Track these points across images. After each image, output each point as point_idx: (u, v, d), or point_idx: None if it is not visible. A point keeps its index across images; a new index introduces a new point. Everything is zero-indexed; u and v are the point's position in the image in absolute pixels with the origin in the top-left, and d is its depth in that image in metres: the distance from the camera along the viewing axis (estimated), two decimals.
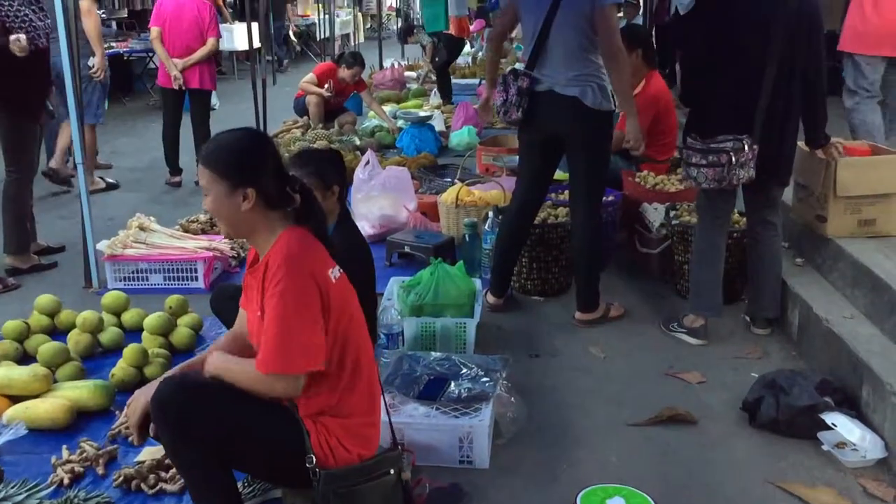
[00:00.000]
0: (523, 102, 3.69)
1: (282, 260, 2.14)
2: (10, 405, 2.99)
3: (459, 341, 3.45)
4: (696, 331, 3.71)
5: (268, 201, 2.22)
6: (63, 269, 4.65)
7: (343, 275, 2.29)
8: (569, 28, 3.59)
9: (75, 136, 4.30)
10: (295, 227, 2.26)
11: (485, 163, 6.36)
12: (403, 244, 4.65)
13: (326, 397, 2.24)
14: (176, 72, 6.27)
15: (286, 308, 2.11)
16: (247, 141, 2.28)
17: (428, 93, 10.25)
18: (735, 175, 3.38)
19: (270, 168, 2.24)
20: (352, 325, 2.29)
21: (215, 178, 2.20)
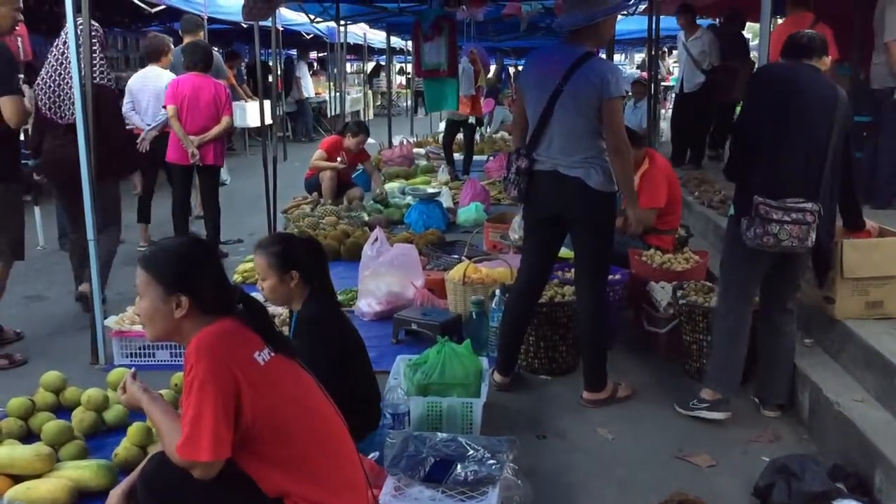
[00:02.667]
0: (521, 182, 3.79)
1: (192, 349, 2.16)
2: (12, 485, 2.96)
3: (466, 421, 3.42)
4: (718, 404, 3.66)
5: (202, 308, 2.24)
6: (70, 345, 4.65)
7: (279, 357, 2.27)
8: (574, 113, 3.67)
9: (88, 214, 4.34)
10: (222, 320, 2.25)
11: (492, 239, 6.41)
12: (410, 321, 4.65)
13: (289, 485, 2.21)
14: (193, 148, 6.39)
15: (199, 392, 2.11)
16: (188, 248, 2.32)
17: (436, 169, 10.40)
18: (811, 238, 3.42)
19: (209, 277, 2.27)
20: (302, 409, 2.26)
21: (151, 280, 2.24)
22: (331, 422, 2.36)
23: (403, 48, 18.96)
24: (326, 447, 2.29)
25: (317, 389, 2.36)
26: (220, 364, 2.12)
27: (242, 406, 2.12)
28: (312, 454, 2.25)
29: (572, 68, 3.63)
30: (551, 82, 3.69)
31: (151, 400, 2.38)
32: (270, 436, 2.18)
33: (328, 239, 6.69)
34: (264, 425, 2.16)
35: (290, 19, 13.05)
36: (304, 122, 17.18)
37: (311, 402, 2.31)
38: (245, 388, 2.12)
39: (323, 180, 8.23)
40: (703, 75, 9.04)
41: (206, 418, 2.08)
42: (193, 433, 2.09)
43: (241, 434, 2.14)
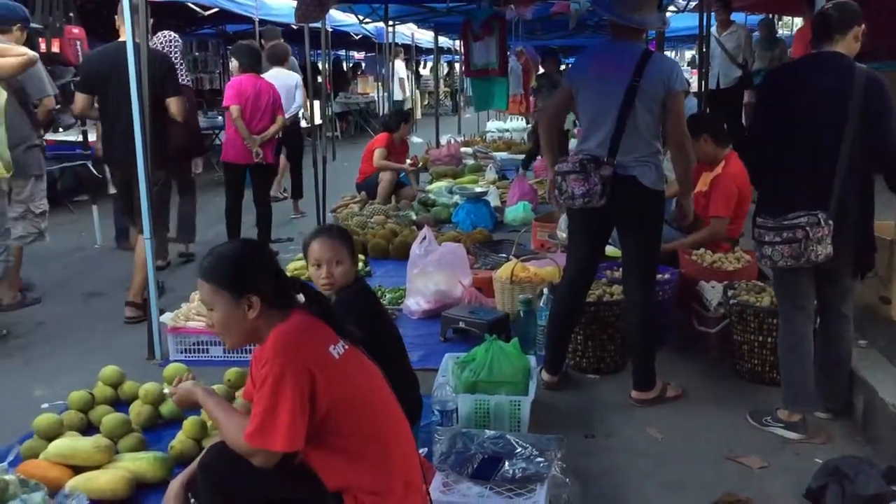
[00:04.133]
0: (607, 191, 3.65)
1: (270, 344, 2.22)
2: (73, 475, 3.05)
3: (514, 419, 3.43)
4: (795, 425, 3.53)
5: (271, 304, 2.30)
6: (127, 340, 4.77)
7: (352, 350, 2.34)
8: (641, 112, 3.64)
9: (144, 212, 4.46)
10: (296, 313, 2.32)
11: (540, 238, 6.40)
12: (458, 320, 4.67)
13: (350, 475, 2.27)
14: (257, 147, 6.52)
15: (276, 385, 2.16)
16: (243, 252, 2.37)
17: (483, 168, 10.41)
18: (813, 251, 3.27)
19: (269, 273, 2.33)
20: (370, 401, 2.32)
21: (218, 290, 2.30)
22: (395, 415, 2.40)
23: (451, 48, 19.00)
24: (390, 440, 2.33)
25: (383, 381, 2.41)
26: (297, 359, 2.18)
27: (317, 400, 2.18)
28: (376, 446, 2.29)
29: (641, 64, 3.60)
30: (622, 80, 3.63)
31: (207, 393, 2.47)
32: (339, 427, 2.24)
33: (377, 238, 6.75)
34: (335, 417, 2.22)
35: (339, 20, 13.19)
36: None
37: (378, 394, 2.37)
38: (320, 383, 2.18)
39: (383, 181, 8.30)
40: (739, 69, 8.93)
41: (282, 411, 2.14)
42: (267, 423, 2.15)
43: (312, 426, 2.20)
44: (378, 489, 2.28)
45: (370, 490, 2.27)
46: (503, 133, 14.52)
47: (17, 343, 4.88)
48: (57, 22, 8.82)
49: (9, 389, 4.15)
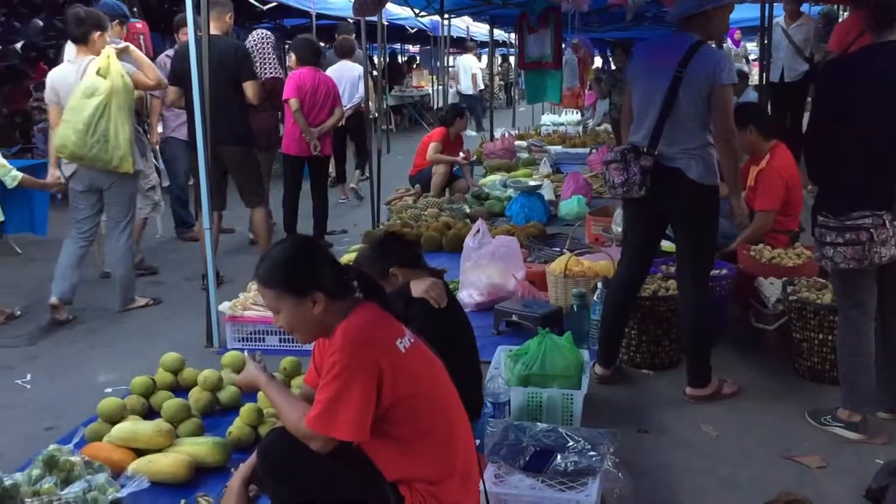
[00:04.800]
0: (647, 181, 3.64)
1: (343, 332, 2.25)
2: (135, 458, 3.14)
3: (566, 413, 3.42)
4: (856, 425, 3.44)
5: (334, 297, 2.33)
6: (187, 328, 4.89)
7: (417, 343, 2.35)
8: (684, 103, 3.59)
9: (204, 202, 4.56)
10: (364, 305, 2.35)
11: (594, 233, 6.36)
12: (511, 313, 4.67)
13: (410, 465, 2.30)
14: (315, 139, 6.62)
15: (343, 375, 2.19)
16: (297, 250, 2.40)
17: (538, 162, 10.37)
18: (876, 253, 3.16)
19: (324, 266, 2.36)
20: (432, 393, 2.34)
21: (279, 294, 2.33)
22: (455, 408, 2.42)
23: (506, 40, 18.93)
24: (450, 432, 2.36)
25: (445, 374, 2.43)
26: (366, 353, 2.21)
27: (382, 393, 2.21)
28: (437, 438, 2.32)
29: (688, 55, 3.55)
30: (668, 70, 3.59)
31: (269, 379, 2.52)
32: (402, 418, 2.27)
33: (430, 230, 6.78)
34: (399, 409, 2.25)
35: (395, 14, 13.24)
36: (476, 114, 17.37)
37: (440, 387, 2.39)
38: (387, 377, 2.21)
39: (436, 174, 8.34)
40: (805, 63, 8.70)
41: (348, 402, 2.18)
42: (331, 410, 2.19)
43: (375, 417, 2.23)
44: (435, 480, 2.30)
45: (428, 480, 2.29)
46: (558, 126, 14.42)
47: (83, 328, 5.04)
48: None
49: (75, 374, 4.29)
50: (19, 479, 2.84)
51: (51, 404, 3.91)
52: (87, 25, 5.01)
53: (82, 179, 5.14)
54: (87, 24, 5.01)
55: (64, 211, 5.71)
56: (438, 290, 3.14)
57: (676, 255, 3.92)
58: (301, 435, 2.27)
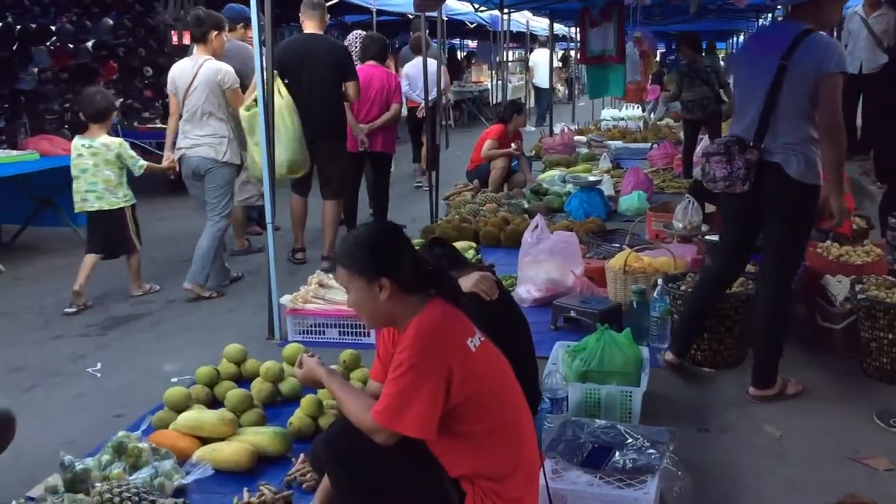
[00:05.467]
0: (751, 176, 3.51)
1: (415, 328, 2.25)
2: (199, 446, 3.23)
3: (625, 410, 3.39)
4: None
5: (404, 287, 2.33)
6: (249, 320, 4.98)
7: (486, 341, 2.35)
8: (788, 94, 3.46)
9: (267, 198, 4.65)
10: (435, 301, 2.34)
11: (654, 229, 6.28)
12: (569, 309, 4.65)
13: (474, 462, 2.30)
14: (363, 136, 6.67)
15: (413, 372, 2.20)
16: (377, 234, 2.42)
17: (597, 157, 10.28)
18: None
19: (402, 256, 2.35)
20: (499, 391, 2.34)
21: (351, 274, 2.34)
22: (521, 406, 2.42)
23: (566, 35, 18.78)
24: (515, 430, 2.35)
25: (511, 373, 2.42)
26: (437, 351, 2.23)
27: (451, 391, 2.22)
28: (502, 436, 2.31)
29: (794, 44, 3.42)
30: (771, 61, 3.47)
31: (330, 373, 2.54)
32: (469, 416, 2.27)
33: (488, 225, 6.78)
34: (466, 407, 2.25)
35: (455, 9, 13.26)
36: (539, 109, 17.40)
37: (507, 385, 2.39)
38: (456, 376, 2.22)
39: (495, 169, 8.34)
40: (884, 55, 8.40)
41: (417, 398, 2.19)
42: (398, 405, 2.21)
43: (443, 413, 2.23)
44: (499, 476, 2.30)
45: (491, 477, 2.29)
46: (618, 121, 14.26)
47: (151, 319, 5.18)
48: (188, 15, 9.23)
49: (143, 364, 4.42)
50: (90, 464, 2.95)
51: (120, 392, 4.03)
52: (206, 26, 5.44)
53: (187, 165, 5.53)
54: (206, 24, 5.44)
55: None
56: (488, 282, 3.13)
57: (763, 253, 3.79)
58: (366, 427, 2.28)
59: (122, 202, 5.42)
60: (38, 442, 3.29)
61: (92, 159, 5.31)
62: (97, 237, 5.46)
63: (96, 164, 5.31)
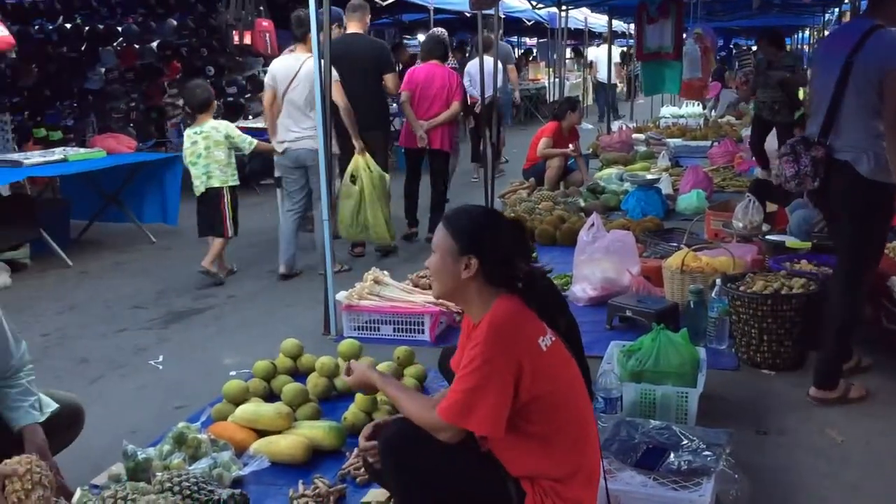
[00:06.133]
0: (819, 172, 3.47)
1: (487, 326, 2.24)
2: (256, 438, 3.29)
3: (680, 411, 3.35)
4: None
5: (488, 277, 2.32)
6: (306, 316, 5.06)
7: (557, 341, 2.33)
8: (854, 91, 3.41)
9: (324, 192, 4.71)
10: (510, 298, 2.33)
11: (714, 228, 6.18)
12: (625, 308, 4.60)
13: (538, 462, 2.29)
14: (422, 132, 6.73)
15: (483, 369, 2.19)
16: (487, 218, 2.41)
17: (656, 155, 10.14)
18: None
19: (500, 249, 2.34)
20: (567, 392, 2.32)
21: (448, 238, 2.34)
22: (586, 407, 2.41)
23: (625, 31, 18.56)
24: (580, 431, 2.34)
25: (579, 374, 2.41)
26: (508, 348, 2.22)
27: (520, 389, 2.22)
28: (568, 436, 2.30)
29: (861, 40, 3.36)
30: (839, 58, 3.42)
31: (382, 375, 2.56)
32: (537, 416, 2.26)
33: (544, 224, 6.75)
34: (534, 406, 2.25)
35: (512, 6, 13.21)
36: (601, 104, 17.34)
37: (575, 386, 2.37)
38: (526, 375, 2.21)
39: (550, 167, 8.30)
40: None
41: (485, 396, 2.19)
42: (467, 402, 2.21)
43: (511, 412, 2.23)
44: (562, 477, 2.29)
45: (554, 478, 2.28)
46: (678, 119, 14.04)
47: (211, 314, 5.30)
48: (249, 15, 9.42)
49: (203, 357, 4.52)
50: (151, 453, 3.03)
51: (180, 384, 4.13)
52: (306, 27, 5.61)
53: (291, 156, 5.87)
54: (306, 25, 5.61)
55: (192, 202, 6.01)
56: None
57: (836, 256, 3.71)
58: (431, 425, 2.28)
59: (231, 181, 5.88)
60: (102, 431, 3.39)
61: (204, 143, 5.76)
62: (202, 218, 5.95)
63: (207, 146, 5.77)
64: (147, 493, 2.55)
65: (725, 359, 4.17)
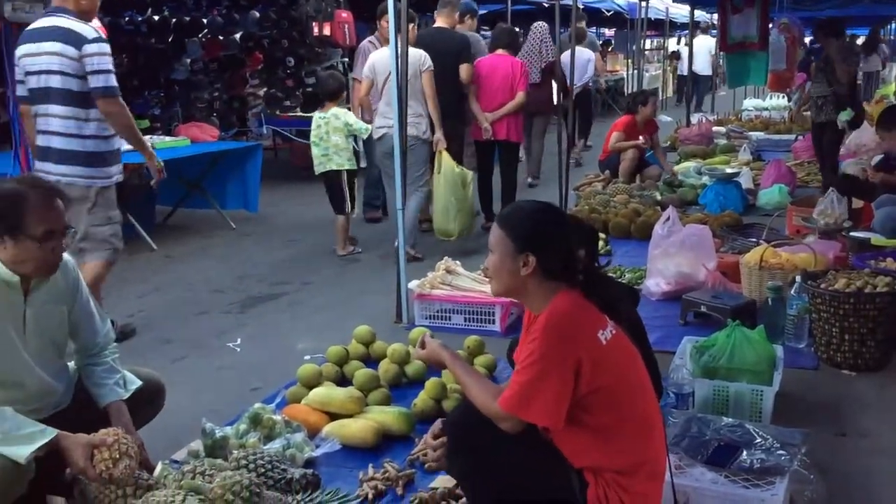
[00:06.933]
0: None
1: (546, 318, 2.24)
2: (328, 421, 3.36)
3: (755, 409, 3.28)
4: None
5: (546, 272, 2.31)
6: (378, 303, 5.13)
7: (619, 334, 2.32)
8: None
9: (398, 182, 4.76)
10: (570, 292, 2.32)
11: (795, 224, 6.01)
12: (700, 303, 4.53)
13: (600, 454, 2.28)
14: (486, 124, 6.74)
15: (542, 362, 2.20)
16: (543, 213, 2.40)
17: (737, 149, 9.90)
18: None
19: (557, 242, 2.34)
20: (629, 384, 2.31)
21: (504, 237, 2.34)
22: (651, 401, 2.40)
23: (708, 22, 18.12)
24: (644, 424, 2.33)
25: (642, 365, 2.40)
26: (567, 341, 2.22)
27: (580, 381, 2.22)
28: (631, 428, 2.30)
29: None
30: None
31: (453, 356, 2.57)
32: (598, 407, 2.26)
33: (618, 217, 6.68)
34: (595, 398, 2.25)
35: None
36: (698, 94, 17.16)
37: (637, 379, 2.36)
38: (585, 366, 2.21)
39: (624, 160, 8.18)
40: None
41: (545, 387, 2.20)
42: (527, 393, 2.22)
43: (571, 404, 2.23)
44: (625, 470, 2.28)
45: (617, 470, 2.28)
46: (761, 111, 13.67)
47: (287, 300, 5.42)
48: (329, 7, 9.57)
49: (279, 341, 4.64)
50: (228, 432, 3.14)
51: (257, 367, 4.25)
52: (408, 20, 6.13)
53: (387, 144, 5.93)
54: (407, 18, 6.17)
55: (272, 190, 6.16)
56: None
57: None
58: (492, 414, 2.29)
59: (348, 165, 6.31)
60: (183, 409, 3.51)
61: (325, 127, 6.22)
62: (329, 196, 6.42)
63: (327, 131, 6.21)
64: (223, 469, 2.64)
65: (804, 358, 4.07)
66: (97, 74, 4.08)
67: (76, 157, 4.14)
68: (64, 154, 4.13)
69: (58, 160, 4.14)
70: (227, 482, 2.42)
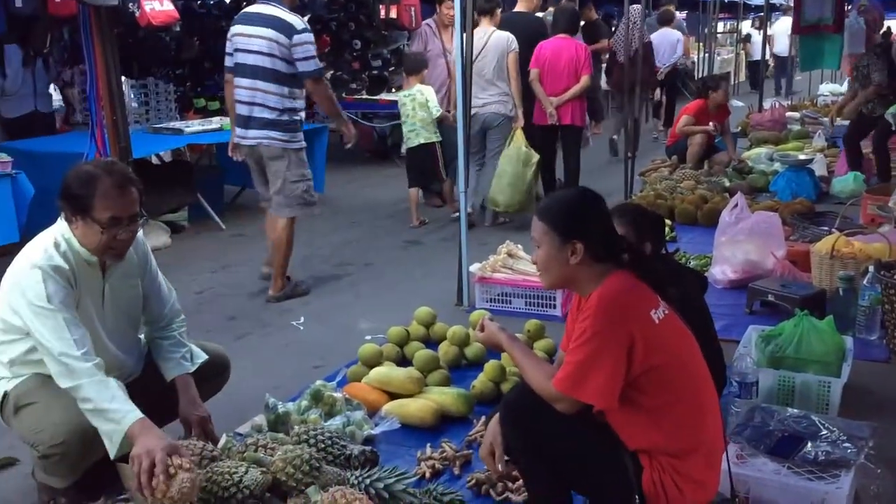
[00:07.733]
0: None
1: (598, 298, 2.23)
2: (388, 400, 3.40)
3: (821, 401, 3.21)
4: None
5: (594, 255, 2.30)
6: (440, 286, 5.15)
7: (671, 314, 2.30)
8: None
9: (461, 167, 4.77)
10: (621, 273, 2.31)
11: (870, 212, 5.82)
12: (767, 292, 4.43)
13: (654, 435, 2.26)
14: (552, 109, 6.68)
15: (595, 341, 2.19)
16: (580, 198, 2.40)
17: (811, 135, 9.61)
18: None
19: (600, 225, 2.33)
20: (683, 365, 2.29)
21: (547, 230, 2.33)
22: (705, 384, 2.37)
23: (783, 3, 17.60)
24: (698, 407, 2.31)
25: (696, 347, 2.38)
26: (619, 320, 2.22)
27: (632, 361, 2.21)
28: (685, 410, 2.28)
29: None
30: None
31: (511, 338, 2.57)
32: (651, 388, 2.25)
33: (685, 203, 6.56)
34: (648, 378, 2.24)
35: None
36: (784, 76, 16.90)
37: (691, 359, 2.34)
38: (638, 345, 2.20)
39: (692, 144, 8.01)
40: None
41: (599, 367, 2.20)
42: (580, 373, 2.22)
43: (624, 384, 2.23)
44: (680, 453, 2.26)
45: (672, 453, 2.26)
46: (838, 96, 13.21)
47: (350, 280, 5.50)
48: None
49: (341, 321, 4.70)
50: (291, 407, 3.20)
51: (319, 345, 4.32)
52: (493, 3, 6.58)
53: (477, 121, 6.43)
54: (493, 1, 6.56)
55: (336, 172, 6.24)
56: None
57: None
58: (547, 395, 2.30)
59: (435, 138, 6.70)
60: (247, 384, 3.61)
61: (410, 104, 6.65)
62: (414, 171, 6.85)
63: (413, 107, 6.65)
64: (285, 443, 2.70)
65: (875, 350, 3.95)
66: (306, 60, 4.78)
67: (276, 124, 4.83)
68: (267, 122, 4.83)
69: (261, 126, 4.84)
70: (288, 455, 2.48)
